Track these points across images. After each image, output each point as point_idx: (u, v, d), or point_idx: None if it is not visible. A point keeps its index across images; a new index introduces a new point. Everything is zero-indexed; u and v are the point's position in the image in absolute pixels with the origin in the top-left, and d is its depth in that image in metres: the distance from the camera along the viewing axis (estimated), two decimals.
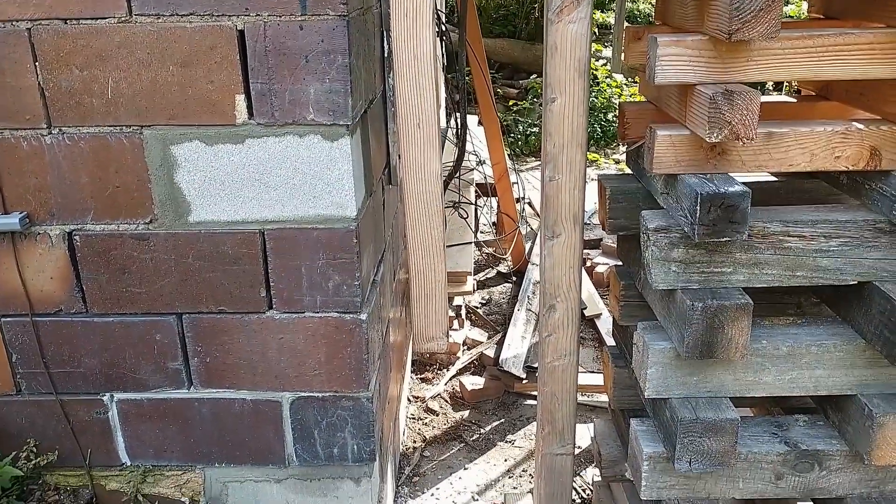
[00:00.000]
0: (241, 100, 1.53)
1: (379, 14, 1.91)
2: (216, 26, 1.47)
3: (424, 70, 1.46)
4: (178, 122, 1.55)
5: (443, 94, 3.64)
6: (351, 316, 1.71)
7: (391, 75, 2.06)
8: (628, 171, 1.77)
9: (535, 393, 2.42)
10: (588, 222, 4.47)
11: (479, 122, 4.02)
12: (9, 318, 1.73)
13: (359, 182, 1.65)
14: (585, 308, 3.44)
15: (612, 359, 1.85)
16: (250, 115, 1.54)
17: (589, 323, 3.44)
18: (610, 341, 2.00)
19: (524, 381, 2.95)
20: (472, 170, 3.59)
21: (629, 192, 1.64)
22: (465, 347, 3.28)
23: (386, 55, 2.01)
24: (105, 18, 1.48)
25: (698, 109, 1.26)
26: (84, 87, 1.53)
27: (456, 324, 3.33)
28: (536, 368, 1.73)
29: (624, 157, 5.69)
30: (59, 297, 1.71)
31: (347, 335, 1.72)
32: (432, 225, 1.58)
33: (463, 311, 3.46)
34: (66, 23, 1.49)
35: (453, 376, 3.09)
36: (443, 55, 3.28)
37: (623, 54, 1.63)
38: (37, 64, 1.52)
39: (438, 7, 3.24)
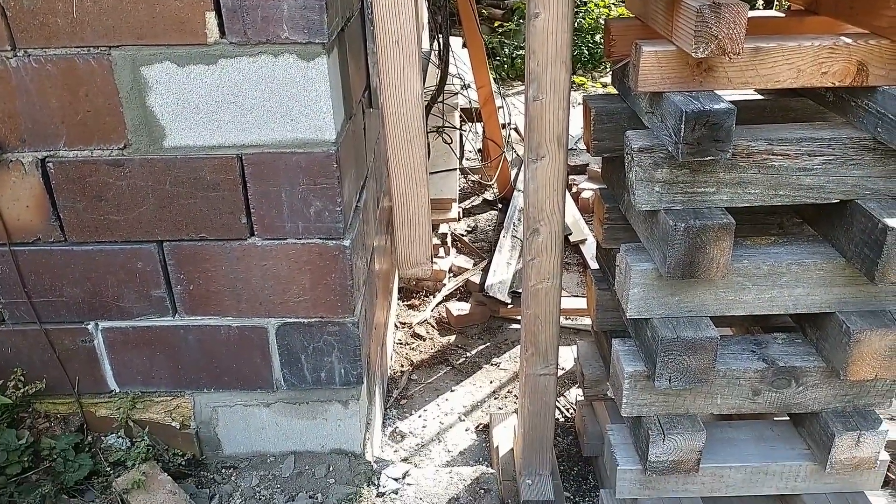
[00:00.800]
0: (211, 17, 1.46)
1: None
2: None
3: None
4: (147, 42, 1.49)
5: (425, 14, 3.52)
6: (334, 242, 1.70)
7: None
8: (615, 91, 1.74)
9: (520, 317, 2.45)
10: (574, 147, 4.42)
11: (464, 45, 3.91)
12: None
13: (337, 104, 1.61)
14: (570, 233, 3.45)
15: (596, 281, 1.86)
16: (222, 33, 1.48)
17: (574, 248, 3.45)
18: (594, 265, 2.01)
19: (509, 307, 2.98)
20: (457, 94, 3.51)
21: (614, 112, 1.61)
22: (451, 274, 3.29)
23: None
24: None
25: (685, 23, 1.22)
26: (48, 6, 1.46)
27: (442, 251, 3.33)
28: (521, 293, 1.73)
29: (609, 68, 5.58)
30: (37, 225, 1.68)
31: (331, 261, 1.72)
32: (414, 147, 1.54)
33: (449, 239, 3.46)
34: None
35: (440, 303, 3.12)
36: None
37: None
38: None
39: None
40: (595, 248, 2.03)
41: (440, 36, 2.99)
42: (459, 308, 3.00)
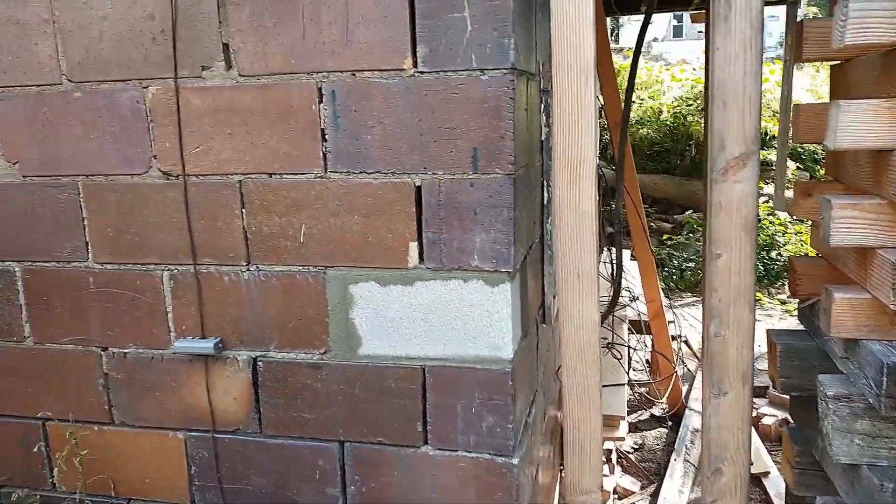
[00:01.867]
0: (413, 246, 1.66)
1: (541, 167, 2.03)
2: (398, 183, 1.64)
3: (585, 224, 1.51)
4: (357, 265, 1.70)
5: None
6: (503, 459, 1.71)
7: (549, 220, 2.14)
8: (800, 325, 1.69)
9: None
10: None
11: (633, 257, 3.99)
12: (193, 433, 1.90)
13: (516, 324, 1.70)
14: (751, 464, 3.17)
15: None
16: (420, 259, 1.67)
17: (755, 481, 3.14)
18: None
19: None
20: (626, 307, 3.54)
21: (803, 350, 1.56)
22: (616, 496, 3.10)
23: (545, 202, 2.11)
24: (304, 174, 1.69)
25: (880, 275, 1.20)
26: (281, 231, 1.74)
27: (606, 469, 3.18)
28: None
29: (788, 296, 5.35)
30: (239, 417, 1.86)
31: (499, 478, 1.71)
32: (588, 373, 1.57)
33: (614, 456, 3.31)
34: (271, 177, 1.72)
35: None
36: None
37: (790, 208, 1.60)
38: (243, 210, 1.75)
39: None
40: (783, 489, 1.85)
41: (610, 252, 3.09)
42: None
